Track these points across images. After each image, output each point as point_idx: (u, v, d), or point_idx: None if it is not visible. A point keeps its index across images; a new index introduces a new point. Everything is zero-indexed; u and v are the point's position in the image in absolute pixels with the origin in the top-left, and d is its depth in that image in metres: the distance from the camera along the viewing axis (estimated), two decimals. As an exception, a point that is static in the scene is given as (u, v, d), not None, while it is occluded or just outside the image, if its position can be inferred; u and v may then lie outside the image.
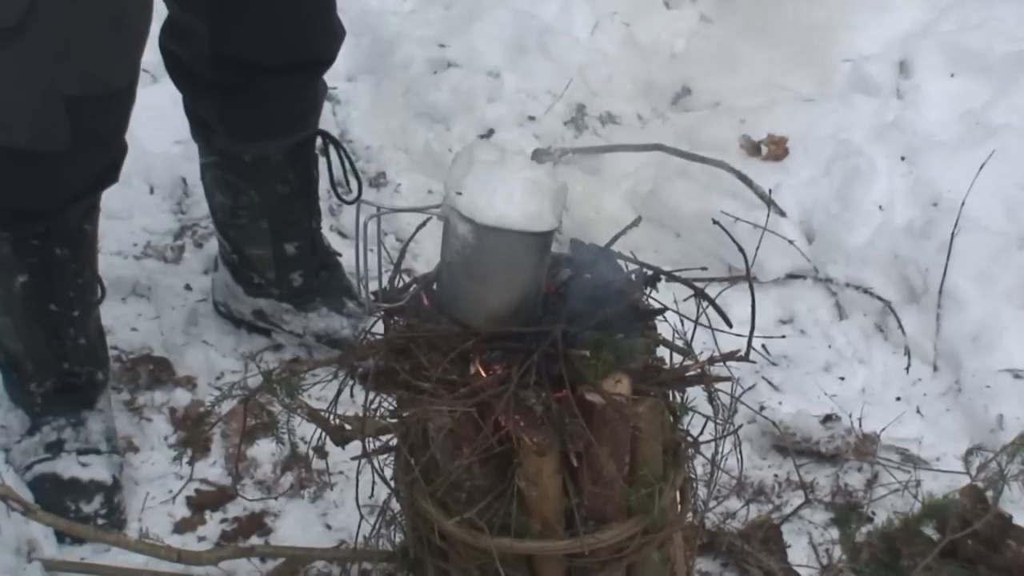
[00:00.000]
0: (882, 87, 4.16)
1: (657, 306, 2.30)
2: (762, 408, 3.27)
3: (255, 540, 3.07)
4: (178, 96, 3.30)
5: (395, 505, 2.50)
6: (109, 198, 3.26)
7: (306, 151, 3.33)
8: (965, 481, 3.07)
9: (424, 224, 2.37)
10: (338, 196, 3.47)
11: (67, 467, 3.09)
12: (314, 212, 3.44)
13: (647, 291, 2.31)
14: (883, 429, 3.26)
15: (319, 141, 3.38)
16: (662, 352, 2.30)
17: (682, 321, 2.32)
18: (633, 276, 2.30)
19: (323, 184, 3.45)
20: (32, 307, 3.02)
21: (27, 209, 2.92)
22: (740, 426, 2.39)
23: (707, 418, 2.32)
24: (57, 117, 2.76)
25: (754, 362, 2.33)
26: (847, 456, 3.23)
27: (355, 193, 3.40)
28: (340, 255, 3.54)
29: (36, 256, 2.97)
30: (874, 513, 3.10)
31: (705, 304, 2.31)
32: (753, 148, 3.89)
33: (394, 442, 2.40)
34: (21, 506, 2.79)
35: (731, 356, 2.26)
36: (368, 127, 4.22)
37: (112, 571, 2.93)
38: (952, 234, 3.49)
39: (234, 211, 3.36)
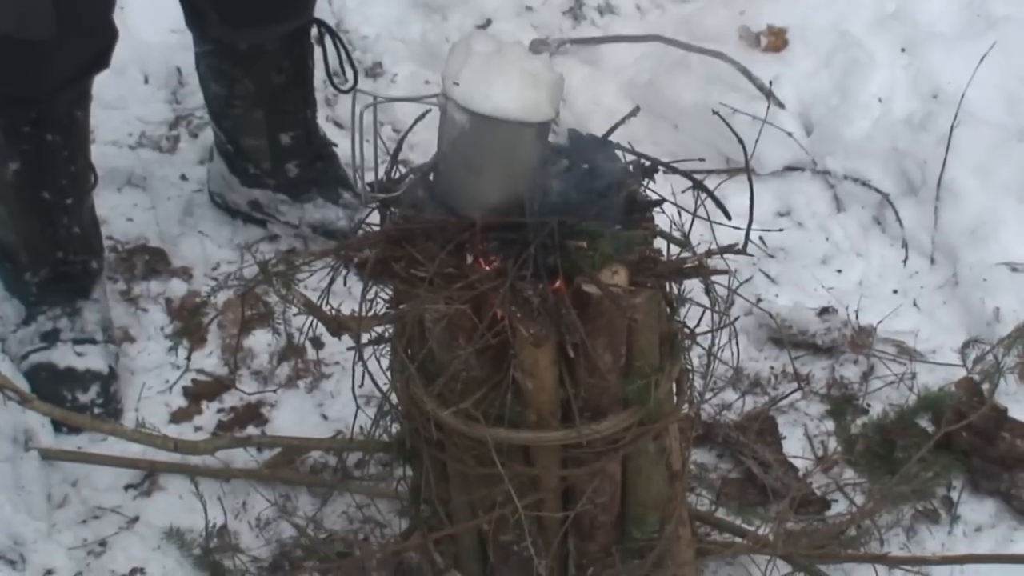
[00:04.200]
0: (883, -23, 4.13)
1: (655, 198, 2.29)
2: (759, 300, 3.27)
3: (251, 430, 3.08)
4: (172, -16, 3.27)
5: (391, 396, 2.51)
6: (103, 88, 3.23)
7: (301, 40, 3.31)
8: (961, 374, 3.08)
9: (423, 116, 2.36)
10: (334, 86, 3.45)
11: (63, 356, 3.09)
12: (309, 102, 3.42)
13: (644, 182, 2.30)
14: (879, 322, 3.26)
15: (315, 31, 3.35)
16: (659, 244, 2.29)
17: (680, 213, 2.31)
18: (631, 167, 2.29)
19: (319, 74, 3.43)
20: (25, 195, 3.01)
21: (16, 97, 2.90)
22: (737, 318, 2.39)
23: (704, 308, 2.32)
24: (41, 3, 2.73)
25: (751, 255, 2.33)
26: (843, 348, 3.23)
27: (351, 83, 3.37)
28: (336, 145, 3.53)
29: (27, 143, 2.95)
30: (869, 405, 3.11)
31: (703, 196, 2.29)
32: (752, 39, 3.86)
33: (390, 332, 2.40)
34: (17, 395, 2.80)
35: (729, 249, 2.25)
36: (364, 17, 4.18)
37: (109, 460, 2.95)
38: (951, 127, 3.48)
39: (229, 101, 3.34)
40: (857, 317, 3.27)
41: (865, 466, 2.96)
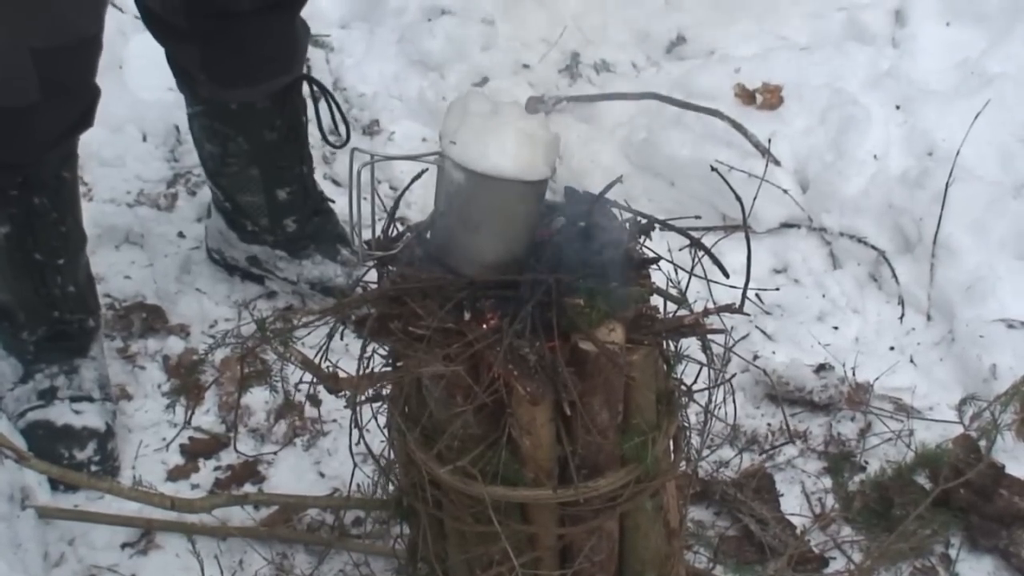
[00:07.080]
0: (877, 36, 4.15)
1: (651, 255, 2.30)
2: (755, 357, 3.27)
3: (248, 488, 3.07)
4: (169, 43, 3.29)
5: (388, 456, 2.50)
6: (101, 146, 3.23)
7: (292, 96, 3.31)
8: (958, 430, 3.08)
9: (421, 175, 2.36)
10: (328, 143, 3.46)
11: (60, 414, 3.09)
12: (304, 158, 3.42)
13: (641, 240, 2.31)
14: (876, 378, 3.26)
15: (308, 89, 3.36)
16: (656, 301, 2.30)
17: (676, 270, 2.32)
18: (627, 225, 2.30)
19: (315, 132, 3.43)
20: (17, 257, 3.01)
21: (2, 162, 2.90)
22: (733, 375, 2.39)
23: (701, 365, 2.32)
24: (24, 70, 2.74)
25: (748, 314, 2.33)
26: (840, 405, 3.23)
27: (344, 139, 3.37)
28: (334, 202, 3.53)
29: (15, 207, 2.96)
30: (867, 462, 3.10)
31: (700, 253, 2.30)
32: (748, 97, 3.88)
33: (387, 390, 2.40)
34: (14, 453, 2.80)
35: (726, 308, 2.26)
36: (362, 75, 4.20)
37: (105, 518, 2.94)
38: (947, 183, 3.49)
39: (224, 159, 3.35)
40: (854, 374, 3.27)
41: (863, 523, 2.95)
